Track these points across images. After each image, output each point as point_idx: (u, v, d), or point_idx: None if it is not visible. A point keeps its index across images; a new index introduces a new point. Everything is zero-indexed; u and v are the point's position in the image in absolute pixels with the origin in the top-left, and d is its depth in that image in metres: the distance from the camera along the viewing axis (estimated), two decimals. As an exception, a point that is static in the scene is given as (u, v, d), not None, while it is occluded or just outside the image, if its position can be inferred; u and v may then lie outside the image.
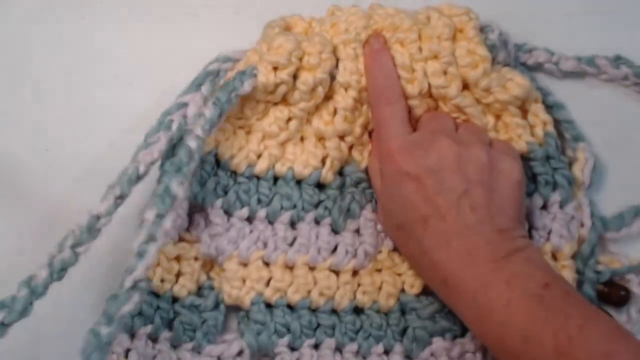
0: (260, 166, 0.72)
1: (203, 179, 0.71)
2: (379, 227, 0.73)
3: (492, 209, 0.67)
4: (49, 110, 0.75)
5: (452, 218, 0.66)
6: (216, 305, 0.72)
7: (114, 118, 0.75)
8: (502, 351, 0.64)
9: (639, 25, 0.78)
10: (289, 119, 0.72)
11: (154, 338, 0.71)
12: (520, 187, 0.69)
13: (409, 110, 0.71)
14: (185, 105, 0.69)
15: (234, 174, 0.72)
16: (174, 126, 0.67)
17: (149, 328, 0.70)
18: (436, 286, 0.69)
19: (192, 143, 0.67)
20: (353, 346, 0.72)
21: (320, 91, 0.71)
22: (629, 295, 0.73)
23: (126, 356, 0.69)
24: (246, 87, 0.69)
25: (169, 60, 0.73)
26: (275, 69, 0.70)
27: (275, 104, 0.72)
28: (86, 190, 0.73)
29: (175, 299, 0.71)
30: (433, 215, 0.67)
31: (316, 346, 0.72)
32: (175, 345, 0.71)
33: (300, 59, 0.70)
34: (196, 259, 0.72)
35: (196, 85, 0.71)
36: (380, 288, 0.73)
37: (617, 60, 0.76)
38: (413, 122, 0.72)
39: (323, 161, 0.72)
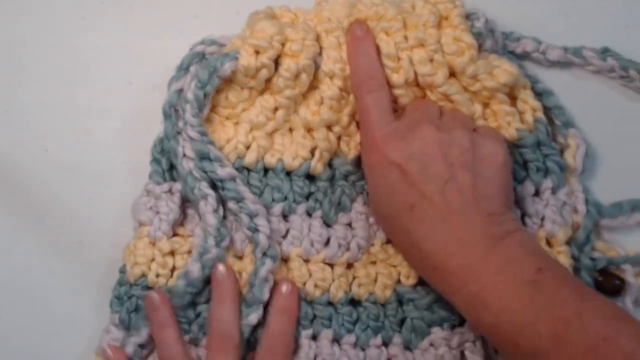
0: (250, 158, 0.72)
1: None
2: (371, 219, 0.72)
3: (479, 193, 0.66)
4: (49, 110, 0.75)
5: (438, 204, 0.65)
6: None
7: (113, 118, 0.75)
8: (498, 339, 0.63)
9: (628, 18, 0.78)
10: (276, 109, 0.72)
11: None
12: (506, 170, 0.68)
13: (395, 99, 0.71)
14: (182, 91, 0.70)
15: (223, 166, 0.72)
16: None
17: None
18: (427, 275, 0.68)
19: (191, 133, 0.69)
20: (351, 337, 0.71)
21: (305, 78, 0.71)
22: (624, 285, 0.72)
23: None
24: (227, 68, 0.69)
25: (169, 60, 0.73)
26: (257, 52, 0.70)
27: (262, 93, 0.72)
28: (86, 190, 0.74)
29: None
30: (418, 202, 0.66)
31: (314, 337, 0.71)
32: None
33: (283, 45, 0.70)
34: (190, 253, 0.71)
35: (184, 68, 0.71)
36: (375, 280, 0.72)
37: (604, 53, 0.75)
38: (400, 112, 0.71)
39: (312, 152, 0.72)
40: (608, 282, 0.72)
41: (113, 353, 0.69)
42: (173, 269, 0.71)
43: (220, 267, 0.70)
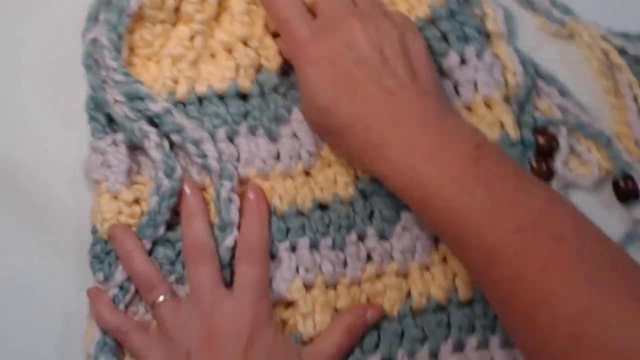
0: (180, 91, 0.71)
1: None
2: None
3: (414, 75, 0.66)
4: (49, 110, 0.74)
5: (375, 86, 0.65)
6: None
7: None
8: (444, 226, 0.63)
9: None
10: (192, 37, 0.72)
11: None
12: (431, 59, 0.69)
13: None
14: (96, 40, 0.70)
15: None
16: None
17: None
18: (369, 156, 0.65)
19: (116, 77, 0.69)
20: (327, 241, 0.71)
21: (212, 0, 0.71)
22: (557, 146, 0.74)
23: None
24: (133, 4, 0.70)
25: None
26: None
27: (174, 25, 0.72)
28: (86, 190, 0.74)
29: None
30: (354, 87, 0.65)
31: (292, 249, 0.71)
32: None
33: None
34: (154, 196, 0.71)
35: (93, 18, 0.71)
36: (335, 181, 0.72)
37: None
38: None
39: (238, 72, 0.72)
40: (547, 143, 0.73)
41: (95, 294, 0.70)
42: (142, 215, 0.71)
43: (184, 187, 0.70)
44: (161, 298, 0.68)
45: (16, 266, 0.73)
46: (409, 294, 0.71)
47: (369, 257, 0.71)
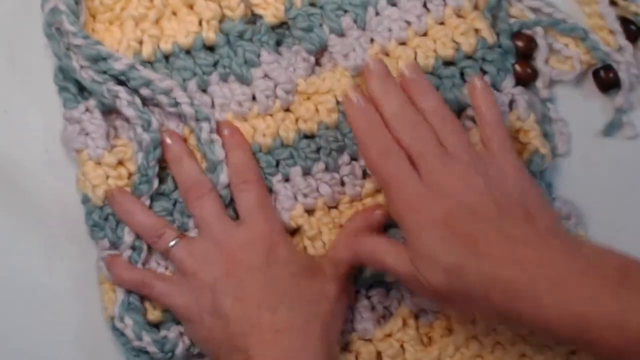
0: (146, 50, 0.71)
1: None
2: (284, 63, 0.72)
3: (532, 216, 0.63)
4: (49, 110, 0.74)
5: (500, 240, 0.62)
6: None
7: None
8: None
9: None
10: None
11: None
12: (527, 175, 0.66)
13: None
14: (55, 8, 0.70)
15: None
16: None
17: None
18: (529, 317, 0.61)
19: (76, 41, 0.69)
20: (320, 165, 0.71)
21: None
22: (536, 46, 0.73)
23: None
24: None
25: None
26: None
27: None
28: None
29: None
30: (480, 245, 0.62)
31: (286, 180, 0.70)
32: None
33: None
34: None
35: None
36: (317, 110, 0.71)
37: None
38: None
39: (200, 25, 0.72)
40: (525, 44, 0.73)
41: (110, 260, 0.69)
42: (130, 176, 0.71)
43: (164, 138, 0.70)
44: (172, 242, 0.68)
45: (16, 266, 0.73)
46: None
47: (365, 174, 0.71)
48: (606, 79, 0.73)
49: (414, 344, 0.70)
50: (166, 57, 0.72)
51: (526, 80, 0.73)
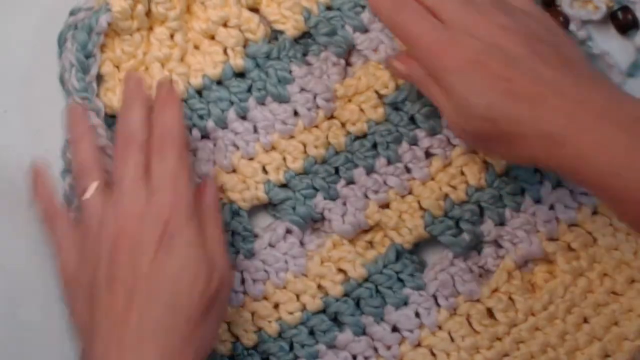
0: (178, 89, 0.70)
1: None
2: (316, 72, 0.71)
3: (565, 59, 0.62)
4: (49, 109, 0.72)
5: (532, 84, 0.60)
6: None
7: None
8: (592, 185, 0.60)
9: None
10: (172, 35, 0.71)
11: None
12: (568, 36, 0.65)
13: None
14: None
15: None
16: None
17: None
18: (556, 162, 0.60)
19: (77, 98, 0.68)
20: (381, 160, 0.71)
21: None
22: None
23: None
24: (102, 22, 0.69)
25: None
26: None
27: (151, 29, 0.71)
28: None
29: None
30: (514, 90, 0.60)
31: (350, 183, 0.71)
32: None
33: None
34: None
35: (63, 43, 0.70)
36: (361, 110, 0.71)
37: None
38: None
39: (226, 54, 0.72)
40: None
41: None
42: None
43: (127, 75, 0.68)
44: (90, 189, 0.65)
45: (16, 266, 0.72)
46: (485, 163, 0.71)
47: (428, 154, 0.71)
48: (624, 20, 0.73)
49: (521, 293, 0.70)
50: (199, 92, 0.71)
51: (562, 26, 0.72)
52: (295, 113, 0.71)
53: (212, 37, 0.72)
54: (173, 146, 0.64)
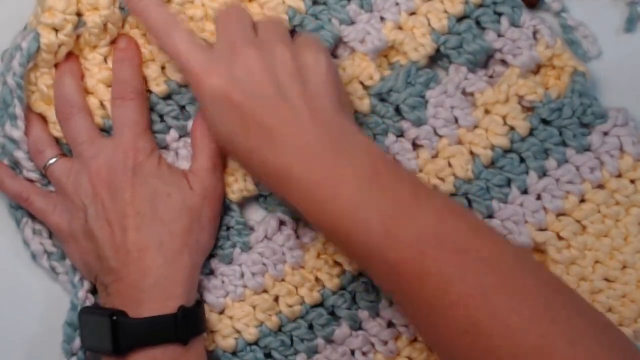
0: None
1: None
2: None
3: (309, 100, 0.64)
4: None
5: (268, 118, 0.64)
6: None
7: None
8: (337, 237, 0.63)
9: None
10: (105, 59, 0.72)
11: None
12: (331, 76, 0.66)
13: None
14: None
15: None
16: None
17: None
18: (272, 185, 0.66)
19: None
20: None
21: (111, 28, 0.70)
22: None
23: None
24: (31, 49, 0.69)
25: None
26: (55, 30, 0.69)
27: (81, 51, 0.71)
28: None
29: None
30: (249, 123, 0.64)
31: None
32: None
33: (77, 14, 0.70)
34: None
35: None
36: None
37: None
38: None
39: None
40: None
41: None
42: None
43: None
44: (52, 160, 0.70)
45: (16, 266, 0.73)
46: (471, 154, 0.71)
47: (415, 145, 0.72)
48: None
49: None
50: (169, 96, 0.73)
51: (534, 2, 0.72)
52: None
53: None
54: (131, 96, 0.70)
